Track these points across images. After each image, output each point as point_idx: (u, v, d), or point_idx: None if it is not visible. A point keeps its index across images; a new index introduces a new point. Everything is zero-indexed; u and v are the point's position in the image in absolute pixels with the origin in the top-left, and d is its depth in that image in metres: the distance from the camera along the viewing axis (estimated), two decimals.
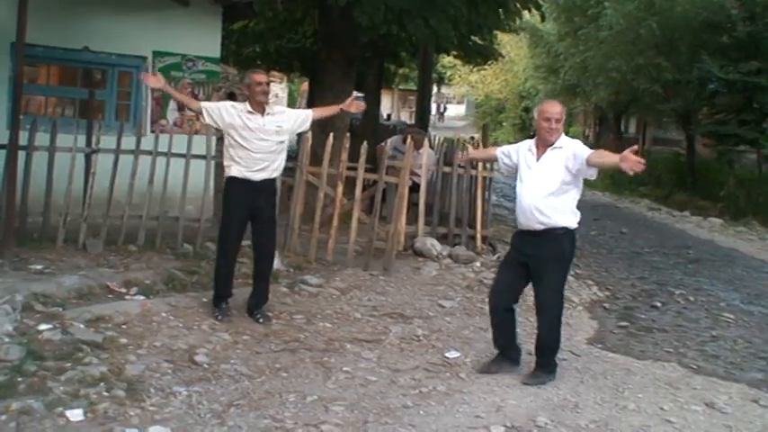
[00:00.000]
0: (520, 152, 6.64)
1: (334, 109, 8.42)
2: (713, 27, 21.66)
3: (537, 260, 6.38)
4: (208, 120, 7.37)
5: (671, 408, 6.03)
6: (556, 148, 6.39)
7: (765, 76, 20.48)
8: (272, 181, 7.53)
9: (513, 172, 6.75)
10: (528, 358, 6.75)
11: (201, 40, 11.24)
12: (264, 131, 7.33)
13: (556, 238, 6.36)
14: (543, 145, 6.46)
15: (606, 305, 9.67)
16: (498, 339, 6.72)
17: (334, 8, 11.61)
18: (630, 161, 5.81)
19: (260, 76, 7.42)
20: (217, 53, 11.51)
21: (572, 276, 10.67)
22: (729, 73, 20.54)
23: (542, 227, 6.34)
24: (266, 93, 7.45)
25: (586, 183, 20.78)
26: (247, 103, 7.33)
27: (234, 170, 7.30)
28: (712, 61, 21.04)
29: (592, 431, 5.49)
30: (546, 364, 6.52)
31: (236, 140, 7.26)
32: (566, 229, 6.39)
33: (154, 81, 7.58)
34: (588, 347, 7.68)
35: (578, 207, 6.50)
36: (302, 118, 7.82)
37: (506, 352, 6.70)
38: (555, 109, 6.46)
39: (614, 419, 5.72)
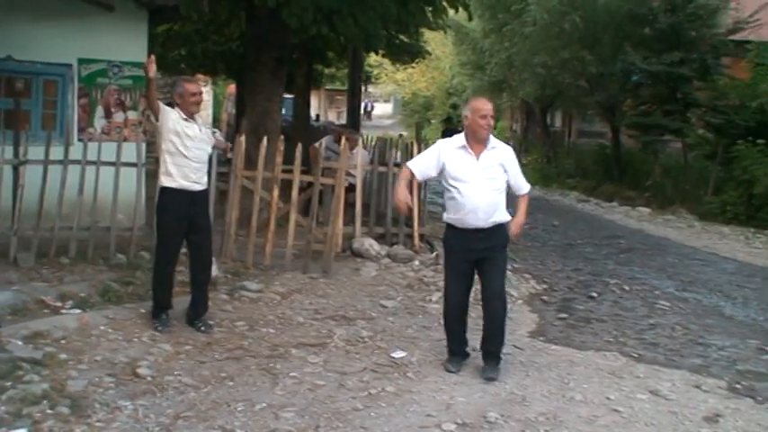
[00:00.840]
0: (447, 154, 6.55)
1: (223, 145, 8.27)
2: (636, 19, 21.98)
3: (488, 252, 6.49)
4: (157, 122, 7.18)
5: (617, 397, 6.11)
6: (493, 148, 6.50)
7: (688, 67, 20.88)
8: (206, 190, 7.47)
9: (435, 176, 6.73)
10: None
11: (127, 45, 11.03)
12: (200, 140, 7.25)
13: (502, 229, 6.51)
14: (479, 143, 6.48)
15: (545, 298, 9.75)
16: (456, 340, 6.77)
17: (262, 10, 11.49)
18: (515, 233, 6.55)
19: (193, 86, 7.33)
20: (143, 58, 11.19)
21: (510, 271, 10.72)
22: (653, 64, 20.88)
23: (492, 224, 6.44)
24: (199, 103, 7.35)
25: None
26: (180, 112, 7.20)
27: (170, 180, 7.16)
28: (635, 53, 21.39)
29: (541, 424, 5.51)
30: (499, 353, 6.64)
31: (177, 148, 7.13)
32: (506, 222, 6.54)
33: (153, 70, 7.29)
34: (531, 341, 7.73)
35: (508, 200, 6.61)
36: (211, 139, 7.70)
37: (462, 350, 6.77)
38: (488, 106, 6.54)
39: (562, 411, 5.77)
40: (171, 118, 7.13)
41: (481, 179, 6.40)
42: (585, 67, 23.13)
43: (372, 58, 30.78)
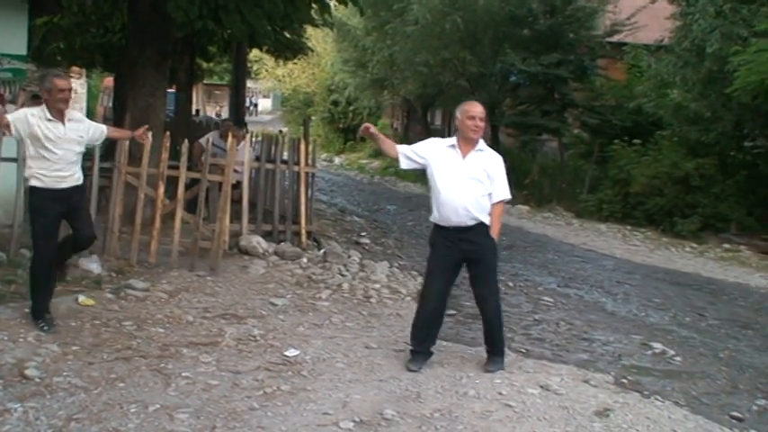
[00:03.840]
0: (433, 150, 6.79)
1: (127, 134, 8.41)
2: (515, 21, 22.50)
3: (476, 252, 6.65)
4: (15, 133, 6.95)
5: (508, 392, 6.21)
6: (479, 150, 6.67)
7: (566, 68, 21.52)
8: (78, 186, 7.25)
9: (417, 168, 6.92)
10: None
11: (6, 36, 10.62)
12: (66, 140, 7.02)
13: (485, 229, 6.64)
14: (467, 144, 6.67)
15: None
16: (425, 338, 6.85)
17: (146, 2, 11.28)
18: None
19: (63, 82, 7.02)
20: (23, 50, 10.94)
21: (396, 268, 10.93)
22: (531, 65, 21.42)
23: (474, 222, 6.60)
24: (68, 100, 7.08)
25: (398, 174, 21.28)
26: (45, 110, 6.94)
27: (37, 181, 6.95)
28: (515, 54, 21.89)
29: (437, 420, 5.57)
30: (502, 351, 6.89)
31: (38, 152, 6.90)
32: (488, 224, 6.68)
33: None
34: None
35: (392, 198, 6.72)
36: (99, 132, 7.57)
37: (427, 349, 6.88)
38: (479, 108, 6.71)
39: (457, 407, 5.84)
40: (28, 122, 6.86)
41: (464, 178, 6.58)
42: (466, 67, 23.53)
43: (253, 54, 30.53)
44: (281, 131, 18.73)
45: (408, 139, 32.33)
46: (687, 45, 16.84)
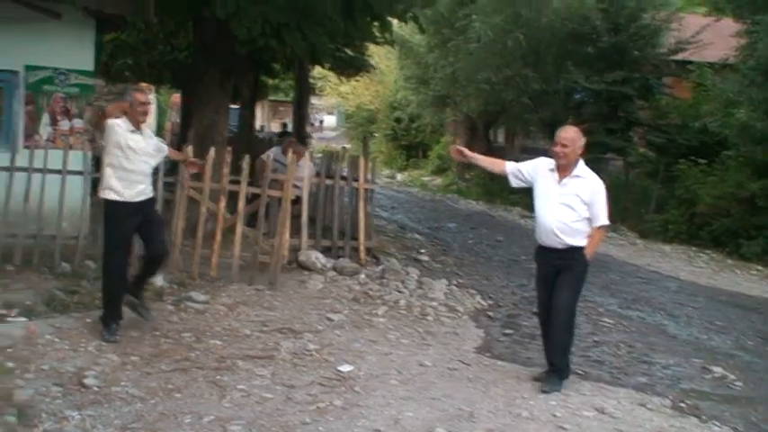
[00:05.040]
0: (538, 170, 6.90)
1: (182, 158, 8.80)
2: (579, 38, 22.35)
3: (563, 266, 6.77)
4: (102, 140, 7.17)
5: (563, 414, 6.19)
6: (577, 176, 6.71)
7: (631, 86, 21.28)
8: (151, 198, 7.49)
9: (525, 186, 7.06)
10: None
11: (74, 53, 10.90)
12: (145, 152, 7.23)
13: (577, 252, 6.71)
14: (562, 169, 6.76)
15: (490, 313, 9.84)
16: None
17: (211, 21, 11.48)
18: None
19: (143, 96, 7.31)
20: (90, 66, 11.19)
21: (455, 285, 10.92)
22: (595, 83, 21.24)
23: (564, 246, 6.70)
24: (147, 113, 7.36)
25: (460, 191, 21.22)
26: (128, 121, 7.15)
27: (113, 194, 7.13)
28: (578, 71, 21.73)
29: None
30: (556, 365, 6.91)
31: (119, 161, 7.10)
32: (583, 247, 6.73)
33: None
34: (477, 356, 7.80)
35: (453, 215, 6.80)
36: (162, 150, 7.77)
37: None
38: (564, 134, 6.78)
39: (509, 428, 5.83)
40: (116, 131, 7.08)
41: (556, 203, 6.69)
42: (528, 85, 23.43)
43: (317, 71, 30.79)
44: (343, 148, 18.89)
45: None
46: (752, 64, 16.60)
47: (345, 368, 6.91)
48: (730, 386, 7.58)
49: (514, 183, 7.14)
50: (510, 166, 7.13)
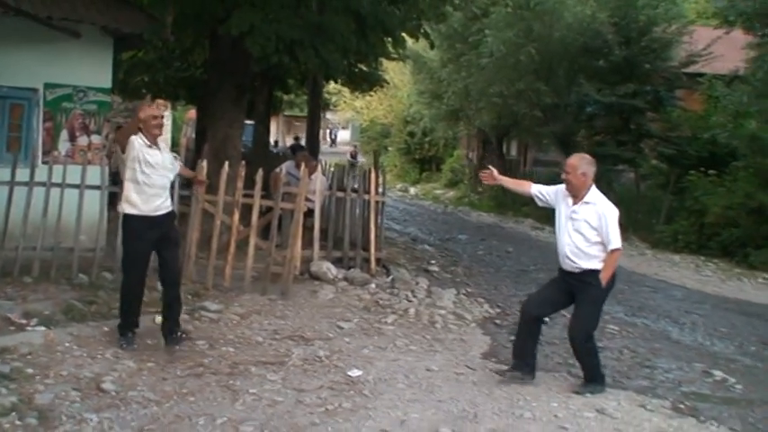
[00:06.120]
0: (558, 195, 7.19)
1: (191, 175, 9.18)
2: (590, 52, 22.54)
3: (578, 288, 7.00)
4: (123, 154, 7.35)
5: (564, 415, 6.38)
6: (587, 203, 6.96)
7: (642, 99, 21.46)
8: (170, 212, 7.67)
9: (550, 207, 7.34)
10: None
11: (93, 71, 11.24)
12: (162, 167, 7.44)
13: (592, 275, 6.89)
14: (573, 195, 7.04)
15: (497, 321, 10.01)
16: (519, 347, 7.26)
17: (226, 38, 11.76)
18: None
19: (156, 110, 7.45)
20: (108, 83, 11.51)
21: (464, 295, 11.10)
22: (606, 96, 21.43)
23: (578, 270, 6.94)
24: (161, 126, 7.52)
25: (472, 203, 21.33)
26: (143, 137, 7.31)
27: (132, 208, 7.32)
28: (590, 85, 21.93)
29: None
30: (585, 375, 7.19)
31: (137, 176, 7.27)
32: (598, 270, 6.91)
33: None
34: (483, 361, 7.97)
35: (464, 227, 6.98)
36: (176, 165, 7.94)
37: (524, 360, 7.21)
38: (568, 161, 7.13)
39: (512, 428, 6.04)
40: (134, 147, 7.27)
41: (570, 228, 6.96)
42: (540, 98, 23.61)
43: (331, 86, 31.09)
44: (347, 161, 19.07)
45: (482, 169, 32.49)
46: (762, 75, 16.74)
47: (354, 373, 7.13)
48: (730, 389, 7.73)
49: (539, 203, 7.47)
50: (535, 189, 7.44)
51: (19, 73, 10.65)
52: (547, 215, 23.52)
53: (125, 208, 7.39)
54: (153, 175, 7.33)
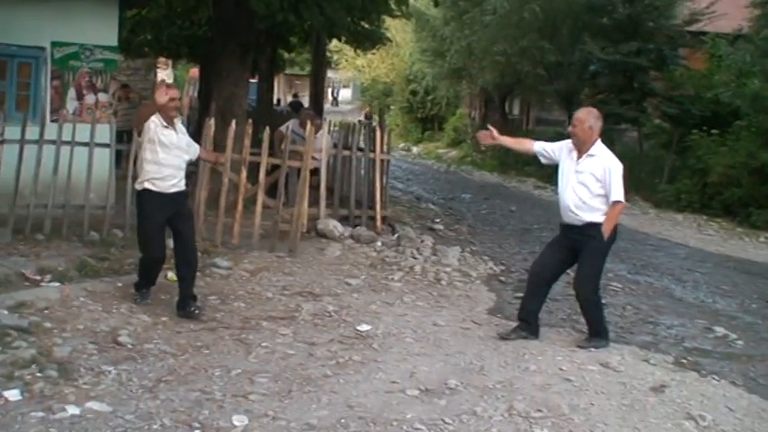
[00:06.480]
0: (562, 151, 7.25)
1: (212, 159, 9.33)
2: (594, 9, 22.48)
3: (580, 243, 7.09)
4: (139, 136, 7.46)
5: (569, 368, 6.53)
6: (592, 155, 7.03)
7: (645, 57, 21.42)
8: (183, 191, 7.68)
9: (554, 164, 7.38)
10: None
11: (99, 29, 11.30)
12: (177, 147, 7.50)
13: (595, 228, 6.99)
14: (577, 148, 7.12)
15: (502, 278, 10.15)
16: (525, 309, 7.38)
17: None
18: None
19: (173, 92, 7.53)
20: (114, 41, 11.57)
21: (468, 253, 11.22)
22: (610, 54, 21.40)
23: (580, 222, 7.04)
24: (178, 108, 7.64)
25: (475, 163, 21.38)
26: (160, 117, 7.35)
27: (148, 184, 7.39)
28: (593, 43, 21.88)
29: (498, 390, 5.92)
30: (590, 329, 7.31)
31: (153, 156, 7.34)
32: (600, 223, 7.01)
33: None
34: (488, 317, 8.13)
35: (467, 187, 7.07)
36: (195, 150, 8.00)
37: (528, 321, 7.34)
38: (576, 114, 7.23)
39: (518, 380, 6.19)
40: (150, 128, 7.34)
41: (573, 181, 7.04)
42: (544, 56, 23.60)
43: (333, 44, 31.00)
44: (360, 122, 19.20)
45: (486, 129, 32.50)
46: (766, 34, 16.71)
47: (363, 327, 7.29)
48: (731, 344, 7.86)
49: (543, 160, 7.55)
50: (537, 146, 7.52)
51: (26, 32, 10.70)
52: (549, 174, 23.60)
53: (142, 185, 7.46)
54: (168, 155, 7.38)
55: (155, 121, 7.36)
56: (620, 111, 21.69)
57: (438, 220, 14.07)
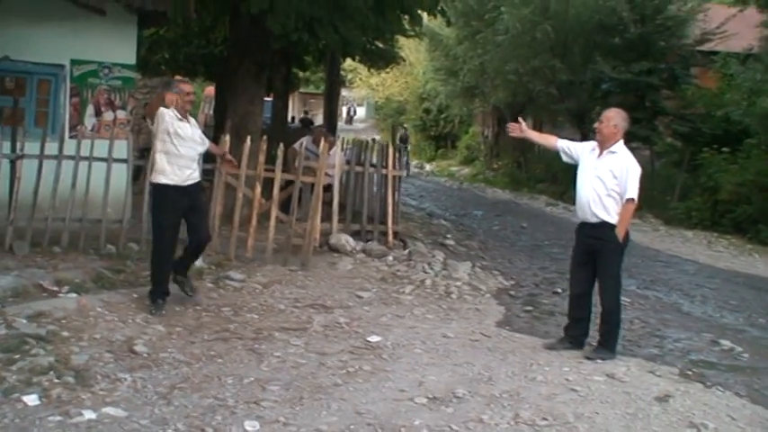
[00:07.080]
0: (584, 150, 7.44)
1: (220, 153, 9.41)
2: (606, 29, 22.67)
3: (596, 245, 7.24)
4: (152, 125, 7.72)
5: (575, 378, 6.64)
6: (612, 152, 7.20)
7: (656, 76, 21.58)
8: (197, 183, 7.99)
9: (574, 163, 7.57)
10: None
11: (117, 47, 11.51)
12: (192, 139, 7.78)
13: (610, 228, 7.14)
14: (601, 146, 7.28)
15: (512, 292, 10.28)
16: (570, 324, 7.61)
17: (246, 16, 11.99)
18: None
19: (188, 87, 7.88)
20: (132, 60, 11.78)
21: (479, 267, 11.34)
22: (622, 73, 21.56)
23: (597, 220, 7.18)
24: (193, 102, 7.98)
25: (487, 180, 21.55)
26: (175, 111, 7.67)
27: (164, 177, 7.66)
28: (605, 62, 22.05)
29: (504, 399, 6.04)
30: (603, 339, 7.40)
31: (169, 147, 7.63)
32: (613, 225, 7.16)
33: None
34: (497, 329, 8.25)
35: (479, 203, 7.22)
36: (205, 142, 8.28)
37: (575, 335, 7.54)
38: (605, 112, 7.39)
39: (524, 389, 6.31)
40: (165, 119, 7.63)
41: (591, 177, 7.21)
42: (556, 75, 23.79)
43: (347, 63, 31.28)
44: (373, 140, 19.41)
45: (499, 147, 32.75)
46: None
47: (374, 338, 7.42)
48: (737, 357, 7.96)
49: (564, 158, 7.72)
50: (561, 143, 7.74)
51: (46, 50, 10.91)
52: (561, 191, 23.89)
53: (158, 178, 7.72)
54: (183, 147, 7.68)
55: (170, 114, 7.64)
56: (632, 129, 21.40)
57: (449, 236, 14.20)
